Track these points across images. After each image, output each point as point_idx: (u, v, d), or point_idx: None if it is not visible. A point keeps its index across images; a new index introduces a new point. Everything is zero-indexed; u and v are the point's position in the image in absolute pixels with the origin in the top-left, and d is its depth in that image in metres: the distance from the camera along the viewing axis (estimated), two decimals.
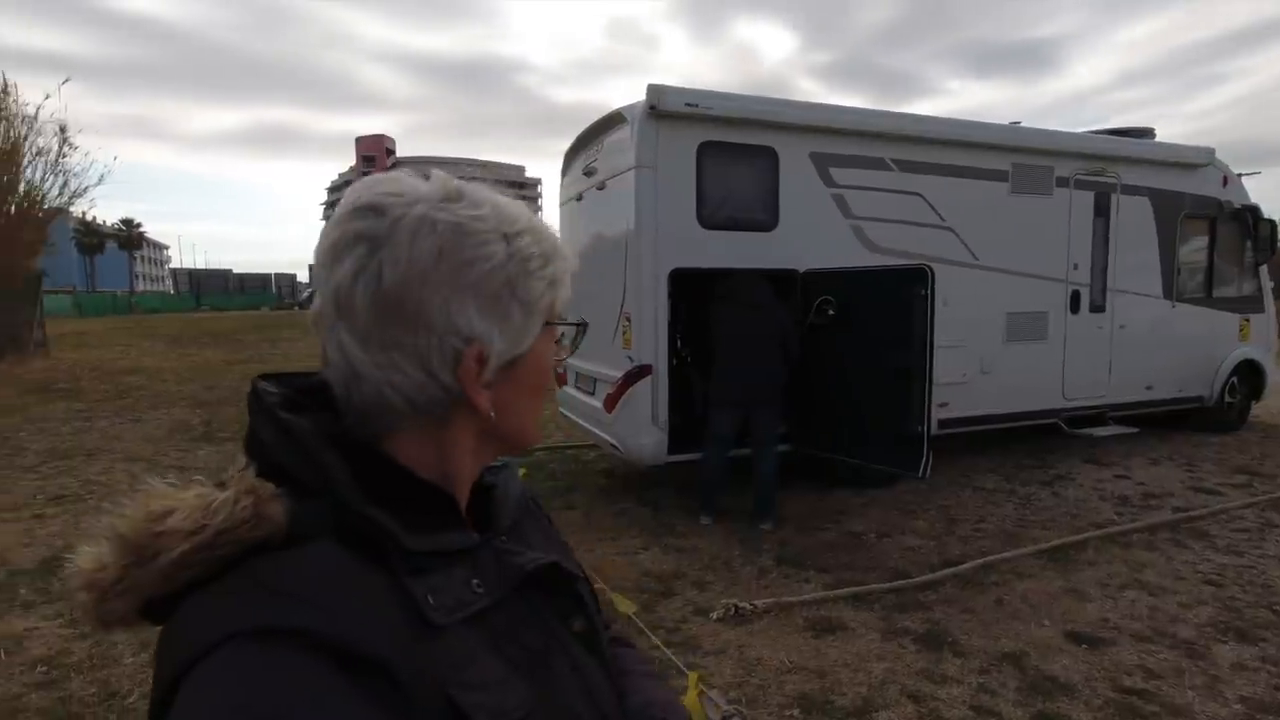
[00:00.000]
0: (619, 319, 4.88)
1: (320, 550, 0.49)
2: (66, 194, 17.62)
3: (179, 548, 0.46)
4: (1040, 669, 2.89)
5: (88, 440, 7.40)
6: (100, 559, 0.47)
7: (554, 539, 0.73)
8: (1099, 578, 3.77)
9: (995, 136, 5.86)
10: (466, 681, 0.49)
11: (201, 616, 0.46)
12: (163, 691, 0.44)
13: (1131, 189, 6.50)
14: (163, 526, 0.47)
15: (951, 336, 5.37)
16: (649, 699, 0.70)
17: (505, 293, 0.56)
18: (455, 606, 0.52)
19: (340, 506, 0.51)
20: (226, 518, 0.47)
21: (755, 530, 4.53)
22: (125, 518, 0.48)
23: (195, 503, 0.48)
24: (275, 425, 0.54)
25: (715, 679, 2.82)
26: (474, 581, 0.55)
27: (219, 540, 0.47)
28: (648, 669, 0.76)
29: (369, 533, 0.51)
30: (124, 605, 0.47)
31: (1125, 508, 5.00)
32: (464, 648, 0.51)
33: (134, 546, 0.47)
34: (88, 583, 0.47)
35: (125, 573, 0.47)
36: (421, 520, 0.54)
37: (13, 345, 14.92)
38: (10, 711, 2.61)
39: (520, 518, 0.69)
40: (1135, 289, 6.63)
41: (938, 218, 5.55)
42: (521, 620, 0.58)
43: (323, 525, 0.50)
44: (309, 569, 0.48)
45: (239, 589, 0.46)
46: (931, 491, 5.33)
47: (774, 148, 4.97)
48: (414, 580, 0.51)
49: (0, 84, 15.56)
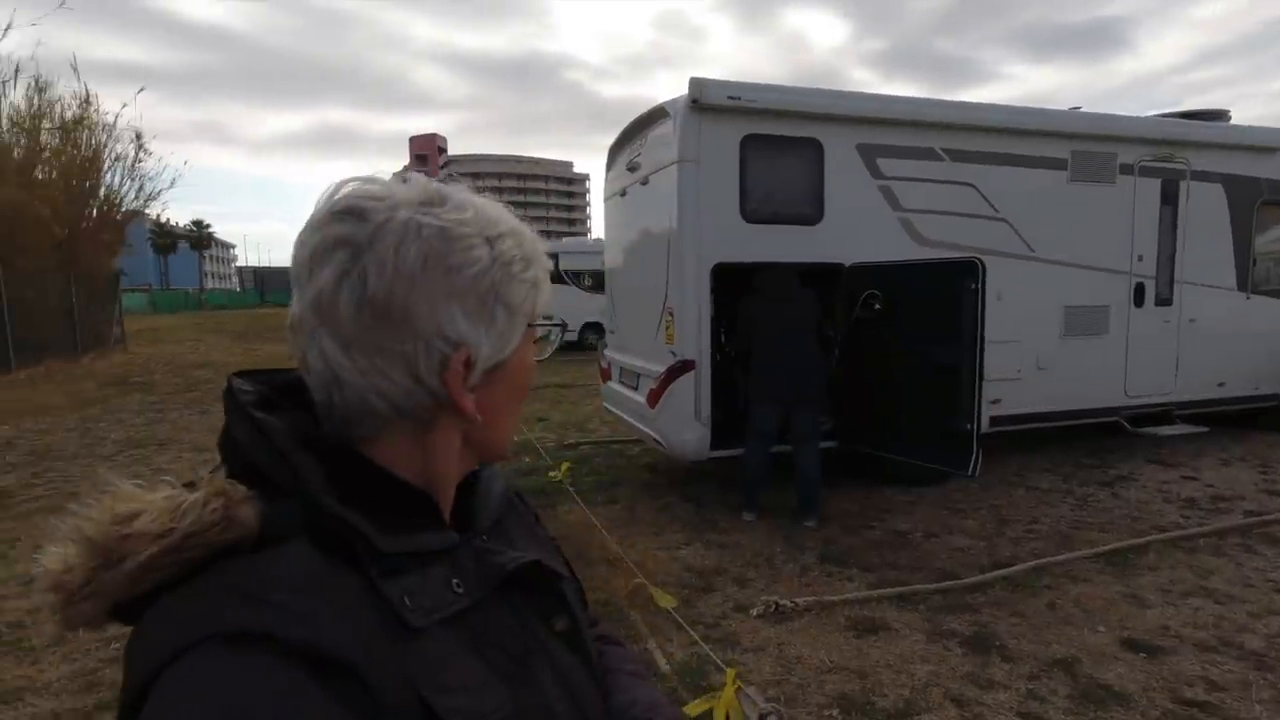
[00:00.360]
0: (662, 314, 4.89)
1: (291, 552, 0.48)
2: (142, 197, 18.68)
3: (146, 551, 0.45)
4: (1094, 676, 2.79)
5: (159, 431, 7.82)
6: (67, 561, 0.46)
7: (539, 537, 0.72)
8: (1160, 583, 3.61)
9: (1053, 123, 5.63)
10: (442, 684, 0.48)
11: (169, 621, 0.45)
12: (131, 697, 0.43)
13: (1203, 175, 6.16)
14: (129, 529, 0.46)
15: (1005, 331, 5.21)
16: (633, 698, 0.69)
17: (490, 297, 0.56)
18: (433, 608, 0.51)
19: (313, 507, 0.50)
20: (195, 520, 0.46)
21: (798, 527, 4.48)
22: (91, 520, 0.46)
23: (163, 505, 0.47)
24: (249, 424, 0.53)
25: (754, 676, 2.82)
26: (454, 582, 0.54)
27: (187, 543, 0.46)
28: (634, 668, 0.75)
29: (342, 534, 0.50)
30: (91, 608, 0.46)
31: (1192, 511, 4.76)
32: (441, 650, 0.50)
33: (100, 549, 0.46)
34: (54, 584, 0.46)
35: (92, 575, 0.45)
36: (397, 521, 0.53)
37: (96, 341, 15.86)
38: (88, 685, 2.80)
39: (503, 516, 0.68)
40: (1205, 281, 6.29)
41: (991, 209, 5.37)
42: (502, 621, 0.57)
43: (295, 527, 0.49)
44: (279, 571, 0.47)
45: (207, 592, 0.45)
46: (982, 491, 5.18)
47: (819, 139, 4.89)
48: (388, 582, 0.50)
49: (83, 95, 16.52)
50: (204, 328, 26.96)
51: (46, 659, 2.99)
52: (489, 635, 0.55)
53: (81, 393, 10.61)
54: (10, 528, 4.62)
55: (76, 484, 5.63)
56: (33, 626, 3.26)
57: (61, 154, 16.01)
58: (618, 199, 5.93)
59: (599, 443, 7.00)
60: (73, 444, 7.20)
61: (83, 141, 16.42)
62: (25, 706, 2.65)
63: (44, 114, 15.54)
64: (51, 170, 15.87)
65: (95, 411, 9.12)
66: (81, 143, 16.38)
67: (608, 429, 7.39)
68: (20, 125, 15.13)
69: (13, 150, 14.85)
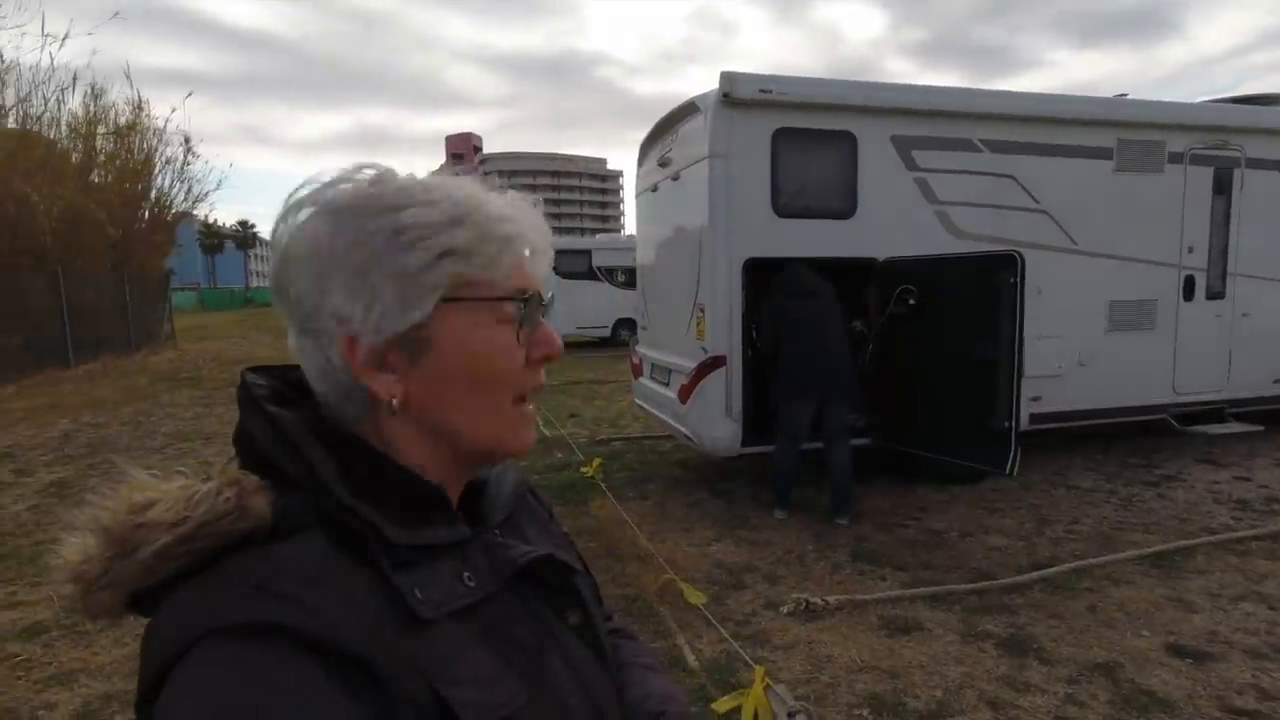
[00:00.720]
0: (693, 310, 4.88)
1: (303, 544, 0.48)
2: (190, 199, 19.31)
3: (160, 540, 0.46)
4: (1136, 682, 2.71)
5: (206, 425, 8.09)
6: (85, 551, 0.47)
7: (553, 533, 0.72)
8: (1209, 588, 3.49)
9: (1097, 111, 5.45)
10: (454, 677, 0.48)
11: (183, 612, 0.45)
12: (147, 687, 0.45)
13: (1258, 163, 5.90)
14: (144, 518, 0.46)
15: (1046, 327, 5.08)
16: (647, 691, 0.69)
17: (370, 268, 0.53)
18: (443, 600, 0.52)
19: (325, 500, 0.50)
20: (208, 510, 0.47)
21: (830, 525, 4.44)
22: (107, 509, 0.47)
23: (177, 494, 0.48)
24: (262, 417, 0.53)
25: (783, 674, 2.80)
26: (465, 575, 0.55)
27: (201, 533, 0.46)
28: (649, 660, 0.75)
29: (353, 526, 0.50)
30: (109, 598, 0.47)
31: (1244, 512, 4.58)
32: (452, 642, 0.50)
33: (116, 538, 0.46)
34: (74, 575, 0.47)
35: (109, 565, 0.46)
36: (408, 514, 0.53)
37: (148, 338, 16.47)
38: (137, 669, 2.91)
39: (516, 512, 0.68)
40: (1261, 273, 6.02)
41: (1032, 200, 5.23)
42: (514, 614, 0.57)
43: (308, 519, 0.50)
44: (291, 563, 0.47)
45: (220, 584, 0.46)
46: (1021, 490, 5.06)
47: (852, 132, 4.82)
48: (399, 574, 0.50)
49: (136, 101, 17.14)
50: (248, 325, 27.78)
51: (100, 643, 3.12)
52: (501, 629, 0.55)
53: (134, 388, 11.04)
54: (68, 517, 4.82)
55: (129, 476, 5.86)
56: None
57: (116, 158, 16.64)
58: (649, 194, 5.93)
59: (631, 438, 7.02)
60: (126, 437, 7.50)
61: (135, 146, 17.04)
62: (80, 688, 2.78)
63: (99, 120, 16.17)
64: (107, 174, 16.50)
65: (147, 406, 9.48)
66: (134, 147, 17.01)
67: (640, 425, 7.41)
68: (78, 131, 15.76)
69: (71, 155, 15.47)
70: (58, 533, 2.75)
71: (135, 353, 15.12)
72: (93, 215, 14.19)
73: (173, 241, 19.60)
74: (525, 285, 0.58)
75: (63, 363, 12.47)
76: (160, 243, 18.48)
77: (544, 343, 0.60)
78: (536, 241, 0.60)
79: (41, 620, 3.34)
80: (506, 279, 0.57)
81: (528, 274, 0.59)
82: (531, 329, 0.59)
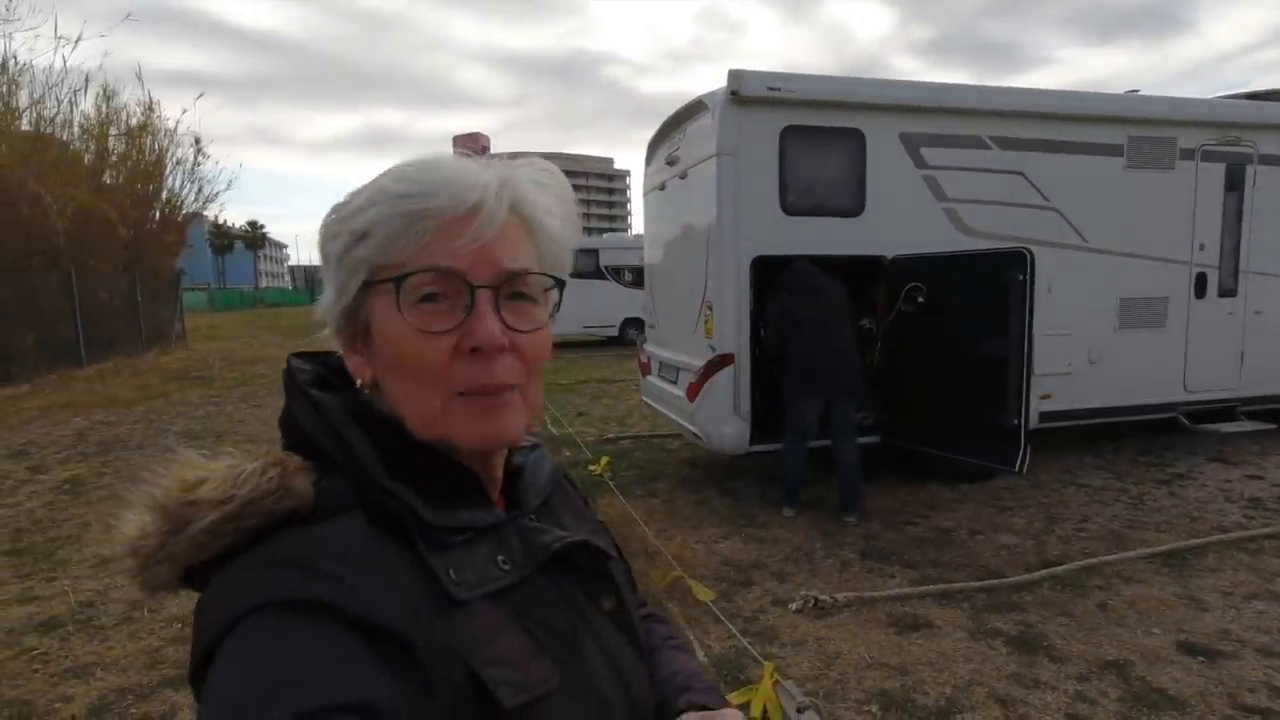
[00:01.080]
0: (701, 308, 4.88)
1: (344, 524, 0.50)
2: (201, 199, 19.43)
3: (209, 516, 0.48)
4: (1147, 680, 2.70)
5: (216, 423, 8.15)
6: (143, 527, 0.49)
7: (588, 519, 0.73)
8: (1221, 586, 3.47)
9: (1107, 107, 5.41)
10: (489, 657, 0.50)
11: (230, 588, 0.47)
12: (197, 661, 0.46)
13: (1271, 159, 5.85)
14: (194, 496, 0.49)
15: (1056, 324, 5.06)
16: (673, 669, 0.70)
17: (325, 257, 0.58)
18: (477, 582, 0.53)
19: (364, 481, 0.52)
20: (253, 488, 0.49)
21: (839, 523, 4.43)
22: (162, 487, 0.50)
23: (225, 473, 0.50)
24: (306, 401, 0.56)
25: (792, 670, 2.81)
26: (499, 558, 0.56)
27: (247, 510, 0.48)
28: (677, 641, 0.76)
29: (391, 507, 0.52)
30: (165, 571, 0.49)
31: (1257, 511, 4.55)
32: (486, 623, 0.51)
33: (170, 515, 0.49)
34: (133, 549, 0.49)
35: (164, 540, 0.48)
36: (444, 497, 0.55)
37: (159, 337, 16.59)
38: (153, 662, 2.95)
39: (551, 498, 0.69)
40: (1274, 270, 5.97)
41: (1041, 198, 5.21)
42: (547, 599, 0.57)
43: (349, 499, 0.51)
44: (332, 542, 0.49)
45: (267, 561, 0.48)
46: (1031, 488, 5.04)
47: (860, 129, 4.81)
48: (435, 555, 0.52)
49: (147, 102, 17.26)
50: (258, 325, 27.95)
51: (115, 637, 3.16)
52: (535, 612, 0.55)
53: (146, 386, 11.13)
54: (82, 513, 4.88)
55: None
56: (102, 606, 3.45)
57: (127, 159, 16.75)
58: (657, 193, 5.94)
59: (639, 437, 7.03)
60: (138, 435, 7.57)
61: (147, 146, 17.16)
62: (95, 681, 2.81)
63: (111, 121, 16.29)
64: (118, 175, 16.62)
65: (159, 404, 9.56)
66: (146, 148, 17.12)
67: (647, 423, 7.42)
68: (90, 132, 15.89)
69: (83, 156, 15.60)
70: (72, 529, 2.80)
71: (147, 352, 15.24)
72: (105, 215, 14.30)
73: (184, 242, 19.72)
74: (435, 264, 0.53)
75: (76, 362, 12.58)
76: (171, 243, 18.60)
77: (468, 332, 0.53)
78: (455, 212, 0.53)
79: (57, 615, 3.38)
80: (418, 258, 0.53)
81: (449, 249, 0.53)
82: (467, 312, 0.53)
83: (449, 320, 0.53)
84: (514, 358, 0.55)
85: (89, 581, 3.75)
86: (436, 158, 0.56)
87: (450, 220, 0.53)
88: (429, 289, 0.53)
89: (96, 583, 3.72)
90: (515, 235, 0.56)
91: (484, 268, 0.54)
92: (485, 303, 0.54)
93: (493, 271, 0.54)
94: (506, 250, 0.55)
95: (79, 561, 4.03)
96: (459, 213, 0.53)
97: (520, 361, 0.56)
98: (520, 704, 0.49)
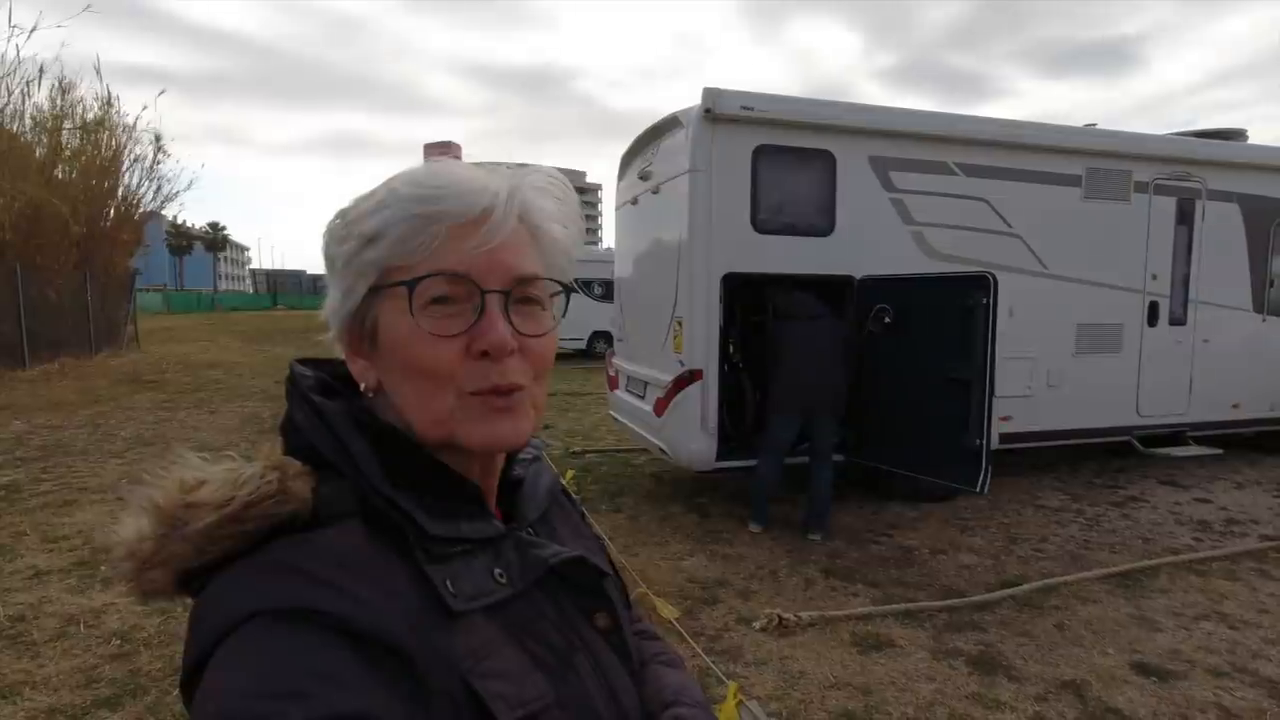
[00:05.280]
0: (670, 323, 4.88)
1: (343, 532, 0.50)
2: (160, 198, 18.86)
3: (207, 519, 0.47)
4: (1103, 700, 2.74)
5: (169, 430, 7.86)
6: (140, 530, 0.49)
7: (584, 534, 0.73)
8: (1172, 607, 3.55)
9: (1068, 139, 5.60)
10: (485, 670, 0.50)
11: (229, 593, 0.47)
12: (190, 668, 0.46)
13: (1219, 194, 6.11)
14: (193, 498, 0.48)
15: (1016, 347, 5.16)
16: (663, 683, 0.70)
17: (331, 261, 0.58)
18: (474, 595, 0.53)
19: (365, 489, 0.52)
20: (253, 491, 0.48)
21: (804, 541, 4.44)
22: (162, 488, 0.49)
23: (224, 475, 0.50)
24: (308, 407, 0.56)
25: (756, 690, 2.78)
26: (496, 571, 0.55)
27: (246, 514, 0.48)
28: (669, 657, 0.76)
29: (391, 516, 0.52)
30: (161, 576, 0.48)
31: (1205, 533, 4.69)
32: (483, 636, 0.51)
33: (168, 517, 0.48)
34: (129, 552, 0.48)
35: (161, 544, 0.48)
36: (444, 507, 0.55)
37: (110, 339, 16.00)
38: (87, 681, 2.79)
39: (549, 512, 0.68)
40: (1220, 301, 6.22)
41: (1004, 224, 5.34)
42: (543, 613, 0.57)
43: (348, 506, 0.51)
44: (330, 550, 0.48)
45: (263, 567, 0.47)
46: (991, 508, 5.12)
47: (831, 151, 4.88)
48: (433, 565, 0.52)
49: (105, 97, 16.75)
50: (216, 328, 27.18)
51: (47, 653, 2.99)
52: (531, 627, 0.55)
53: (93, 390, 10.69)
54: (17, 521, 4.64)
55: (85, 480, 5.66)
56: (35, 620, 3.27)
57: (82, 154, 16.19)
58: (629, 207, 5.94)
59: (605, 451, 6.98)
60: (82, 440, 7.24)
61: (103, 142, 16.61)
62: (23, 701, 2.65)
63: (66, 115, 15.74)
64: (72, 170, 16.05)
65: (106, 409, 9.18)
66: (102, 143, 16.57)
67: (614, 438, 7.37)
68: (42, 125, 15.33)
69: (34, 150, 15.04)
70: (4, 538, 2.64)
71: (96, 354, 14.67)
72: (56, 211, 13.78)
73: (140, 240, 19.10)
74: (447, 267, 0.53)
75: (17, 363, 12.05)
76: (127, 241, 17.99)
77: (478, 335, 0.53)
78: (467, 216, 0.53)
79: None
80: (428, 262, 0.53)
81: (460, 253, 0.53)
82: (477, 315, 0.53)
83: (460, 323, 0.53)
84: (521, 360, 0.56)
85: (21, 594, 3.55)
86: (446, 164, 0.57)
87: (461, 224, 0.54)
88: (439, 292, 0.53)
89: (30, 595, 3.53)
90: (523, 241, 0.57)
91: (494, 272, 0.54)
92: (495, 307, 0.54)
93: (502, 276, 0.55)
94: (515, 255, 0.55)
95: (11, 573, 3.81)
96: (470, 217, 0.54)
97: (527, 364, 0.56)
98: (516, 719, 0.49)
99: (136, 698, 2.68)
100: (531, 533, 0.63)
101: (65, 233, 14.40)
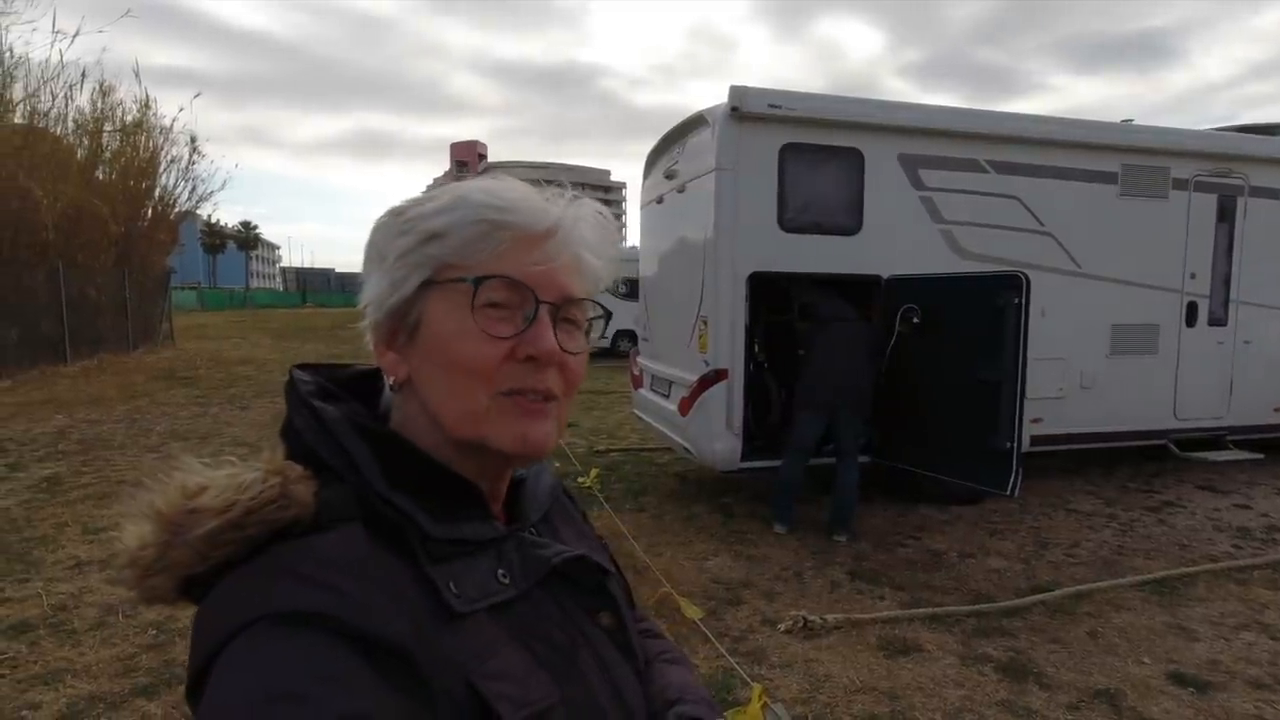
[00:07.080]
0: (695, 322, 4.86)
1: (345, 535, 0.50)
2: (195, 198, 19.31)
3: (210, 524, 0.47)
4: (1138, 710, 2.67)
5: (201, 425, 8.04)
6: (143, 537, 0.49)
7: (586, 535, 0.73)
8: (1210, 616, 3.46)
9: (1103, 136, 5.47)
10: (489, 670, 0.50)
11: (232, 598, 0.47)
12: (196, 673, 0.46)
13: (1262, 191, 5.92)
14: (195, 503, 0.48)
15: (1049, 348, 5.07)
16: (667, 682, 0.70)
17: (381, 254, 0.58)
18: (477, 596, 0.53)
19: (366, 493, 0.53)
20: (254, 496, 0.49)
21: (830, 542, 4.41)
22: (164, 494, 0.49)
23: (226, 481, 0.50)
24: (308, 412, 0.56)
25: (781, 693, 2.77)
26: (499, 572, 0.56)
27: (248, 519, 0.48)
28: (672, 656, 0.76)
29: (393, 519, 0.52)
30: (163, 583, 0.48)
31: (1245, 540, 4.55)
32: (486, 637, 0.52)
33: (170, 523, 0.48)
34: (132, 560, 0.49)
35: (163, 550, 0.48)
36: (445, 509, 0.55)
37: (146, 336, 16.41)
38: (125, 670, 2.87)
39: (551, 512, 0.69)
40: (1264, 301, 6.04)
41: (1037, 223, 5.24)
42: (547, 614, 0.58)
43: (350, 510, 0.51)
44: (333, 554, 0.49)
45: (268, 572, 0.47)
46: (1021, 512, 5.03)
47: (859, 149, 4.83)
48: (436, 568, 0.52)
49: (143, 99, 17.17)
50: (247, 326, 27.73)
51: (88, 642, 3.08)
52: (534, 627, 0.56)
53: (131, 385, 10.99)
54: (59, 513, 4.78)
55: (123, 473, 5.81)
56: (76, 610, 3.36)
57: (121, 156, 16.61)
58: (654, 206, 5.93)
59: (629, 450, 6.99)
60: (120, 435, 7.44)
61: (141, 144, 17.03)
62: (65, 688, 2.73)
63: (106, 117, 16.17)
64: (111, 171, 16.48)
65: (143, 404, 9.42)
66: (140, 145, 17.00)
67: (638, 436, 7.37)
68: (84, 128, 15.76)
69: (76, 151, 15.46)
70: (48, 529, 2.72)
71: (133, 350, 15.05)
72: (96, 211, 14.16)
73: (175, 240, 19.58)
74: (508, 273, 0.55)
75: (60, 358, 12.41)
76: (163, 241, 18.45)
77: (528, 341, 0.55)
78: (533, 231, 0.56)
79: (29, 618, 3.29)
80: (488, 265, 0.55)
81: (520, 264, 0.55)
82: (527, 323, 0.55)
83: (509, 328, 0.55)
84: (558, 374, 0.58)
85: (63, 584, 3.66)
86: (514, 181, 0.59)
87: (527, 236, 0.56)
88: (497, 296, 0.55)
89: (71, 585, 3.64)
90: (573, 265, 0.59)
91: (549, 287, 0.57)
92: (547, 317, 0.56)
93: (557, 292, 0.57)
94: (567, 276, 0.58)
95: (54, 563, 3.94)
96: (536, 231, 0.56)
97: (562, 379, 0.59)
98: (521, 719, 0.49)
99: (172, 687, 2.74)
100: (534, 533, 0.63)
101: (105, 232, 14.79)
